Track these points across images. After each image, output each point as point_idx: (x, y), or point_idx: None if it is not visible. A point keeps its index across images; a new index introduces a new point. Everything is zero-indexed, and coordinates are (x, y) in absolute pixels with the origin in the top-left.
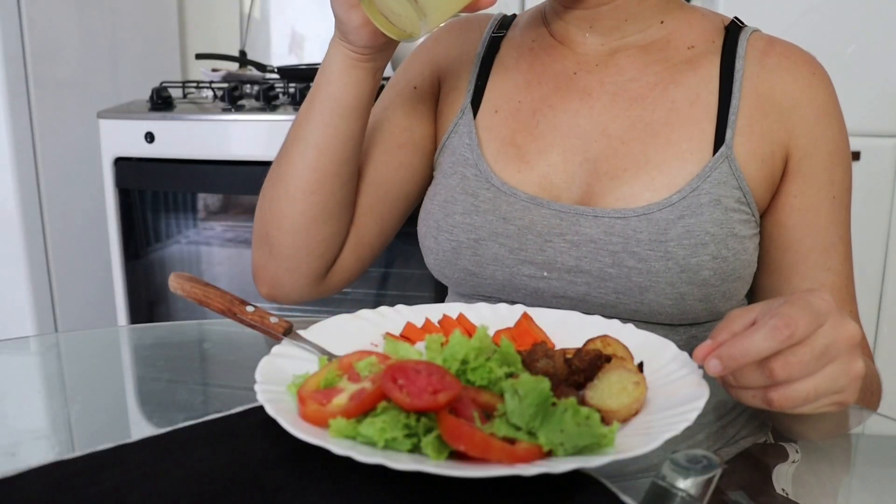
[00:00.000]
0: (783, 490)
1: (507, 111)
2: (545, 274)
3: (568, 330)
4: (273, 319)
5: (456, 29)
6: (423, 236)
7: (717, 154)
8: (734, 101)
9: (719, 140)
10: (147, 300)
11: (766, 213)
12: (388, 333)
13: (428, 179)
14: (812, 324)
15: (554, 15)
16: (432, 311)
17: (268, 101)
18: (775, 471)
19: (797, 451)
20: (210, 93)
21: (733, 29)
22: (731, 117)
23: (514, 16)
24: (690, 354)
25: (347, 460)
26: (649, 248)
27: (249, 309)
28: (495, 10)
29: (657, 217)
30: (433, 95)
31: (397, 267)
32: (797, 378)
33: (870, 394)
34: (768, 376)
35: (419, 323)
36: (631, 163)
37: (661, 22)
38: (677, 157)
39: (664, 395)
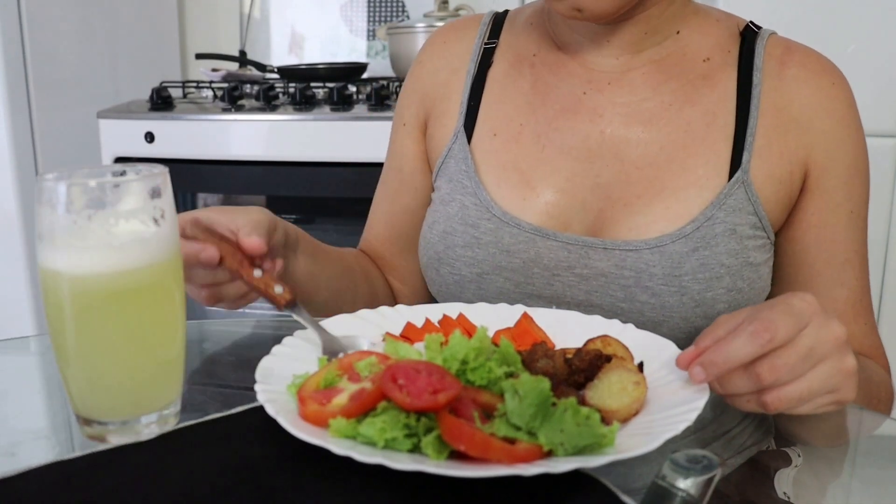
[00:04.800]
0: (784, 494)
1: (508, 135)
2: (554, 308)
3: (568, 330)
4: (278, 289)
5: (440, 43)
6: (424, 266)
7: (733, 179)
8: (751, 121)
9: (735, 163)
10: None
11: (780, 230)
12: (387, 333)
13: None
14: (793, 326)
15: (564, 26)
16: (432, 311)
17: (268, 101)
18: (777, 475)
19: (799, 456)
20: (210, 93)
21: (749, 35)
22: (748, 139)
23: (506, 12)
24: None
25: (347, 460)
26: (663, 283)
27: (257, 273)
28: (487, 8)
29: (671, 249)
30: (422, 128)
31: None
32: (786, 381)
33: (876, 401)
34: (755, 381)
35: (419, 323)
36: (645, 190)
37: (678, 32)
38: (692, 184)
39: (664, 395)
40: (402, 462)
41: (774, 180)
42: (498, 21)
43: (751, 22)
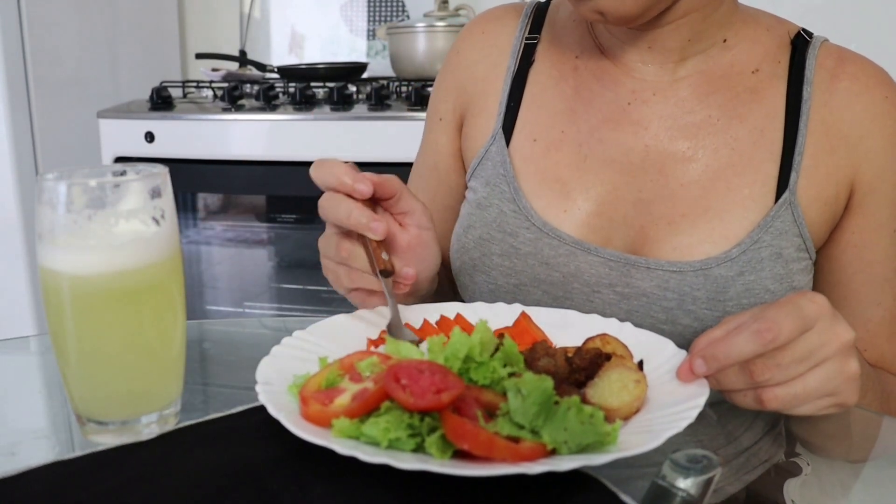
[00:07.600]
0: (792, 501)
1: (548, 141)
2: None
3: (565, 329)
4: (384, 255)
5: (479, 34)
6: (457, 271)
7: (780, 201)
8: (800, 139)
9: (782, 184)
10: None
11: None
12: (383, 332)
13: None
14: (798, 328)
15: (604, 30)
16: (430, 312)
17: (268, 101)
18: (786, 485)
19: (808, 464)
20: (210, 92)
21: (800, 44)
22: (796, 158)
23: (548, 3)
24: None
25: (349, 460)
26: (706, 307)
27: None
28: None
29: (716, 273)
30: (458, 124)
31: None
32: (778, 381)
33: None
34: (748, 377)
35: (417, 323)
36: (690, 209)
37: (725, 41)
38: (738, 204)
39: (664, 393)
40: (406, 462)
41: (820, 202)
42: (539, 12)
43: (803, 29)
